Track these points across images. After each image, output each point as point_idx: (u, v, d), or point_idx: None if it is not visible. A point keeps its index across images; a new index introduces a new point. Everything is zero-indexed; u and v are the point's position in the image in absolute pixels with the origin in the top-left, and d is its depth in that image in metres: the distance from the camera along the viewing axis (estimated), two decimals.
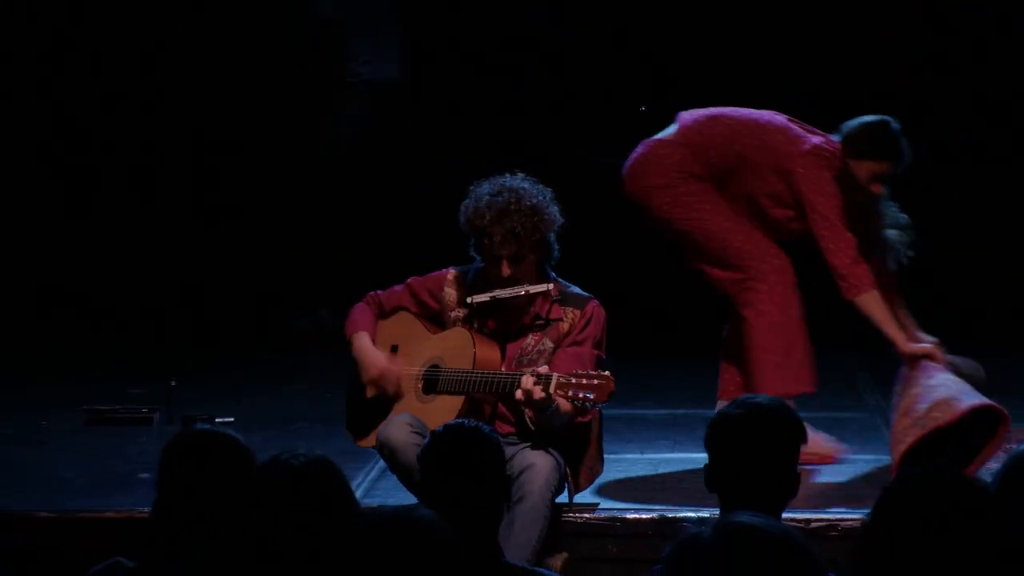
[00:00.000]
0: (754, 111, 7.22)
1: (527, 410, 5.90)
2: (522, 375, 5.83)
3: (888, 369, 8.92)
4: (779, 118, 7.19)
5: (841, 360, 9.27)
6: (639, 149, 7.25)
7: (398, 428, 5.93)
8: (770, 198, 7.09)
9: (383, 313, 6.32)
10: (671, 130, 7.22)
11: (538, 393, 5.74)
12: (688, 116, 7.24)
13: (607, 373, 5.77)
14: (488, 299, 6.13)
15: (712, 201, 7.09)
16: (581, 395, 5.72)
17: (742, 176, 7.10)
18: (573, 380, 5.75)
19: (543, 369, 5.87)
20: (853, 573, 3.40)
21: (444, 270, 6.34)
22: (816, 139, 7.05)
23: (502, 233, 6.04)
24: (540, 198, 6.13)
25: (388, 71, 9.98)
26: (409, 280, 6.38)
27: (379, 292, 6.36)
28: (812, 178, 6.96)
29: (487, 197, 6.11)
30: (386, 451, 5.93)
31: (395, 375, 6.18)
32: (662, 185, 7.11)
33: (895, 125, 7.00)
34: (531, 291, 6.11)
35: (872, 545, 3.35)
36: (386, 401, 6.18)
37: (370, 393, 6.20)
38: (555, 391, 5.74)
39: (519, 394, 5.79)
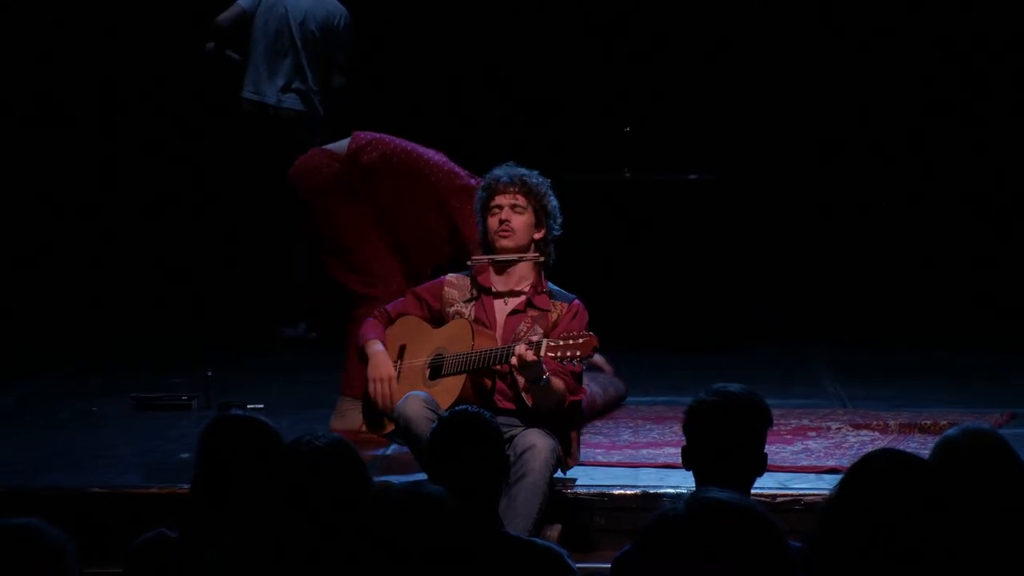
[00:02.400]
0: (420, 146, 7.33)
1: (523, 385, 5.94)
2: (516, 345, 5.87)
3: (848, 360, 9.00)
4: (441, 156, 7.30)
5: (804, 352, 9.28)
6: (309, 154, 7.43)
7: (413, 403, 5.95)
8: (422, 222, 7.18)
9: (389, 320, 6.37)
10: (343, 143, 7.35)
11: (530, 356, 5.77)
12: (361, 136, 7.35)
13: (590, 333, 5.82)
14: (487, 260, 6.19)
15: (356, 215, 7.18)
16: (568, 353, 5.76)
17: (400, 200, 7.19)
18: (561, 342, 5.79)
19: (534, 337, 5.91)
20: (820, 541, 3.44)
21: (442, 277, 6.42)
22: (472, 181, 7.10)
23: (509, 184, 6.19)
24: (543, 180, 6.28)
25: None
26: (412, 289, 6.46)
27: (385, 307, 6.45)
28: (466, 212, 6.99)
29: (500, 169, 6.28)
30: (401, 422, 5.95)
31: (390, 379, 6.22)
32: (318, 191, 7.22)
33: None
34: (524, 257, 6.17)
35: (838, 516, 3.39)
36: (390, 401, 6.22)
37: (374, 397, 6.25)
38: (545, 353, 5.77)
39: (514, 360, 5.82)
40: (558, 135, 9.91)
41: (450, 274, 6.40)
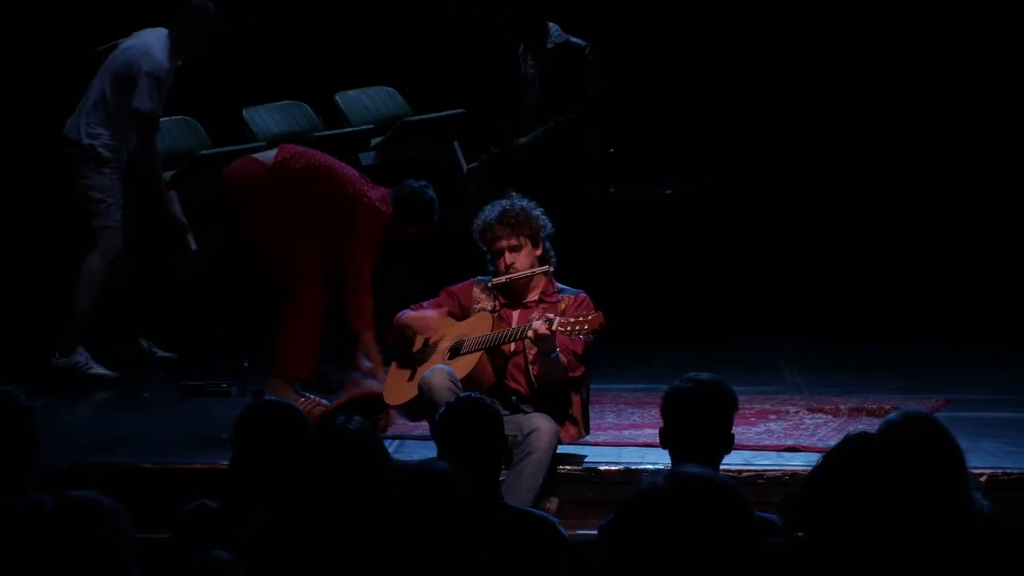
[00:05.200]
0: (336, 160, 7.31)
1: (532, 357, 6.00)
2: (533, 322, 5.95)
3: (805, 353, 9.00)
4: (354, 171, 7.30)
5: (767, 345, 9.27)
6: (240, 160, 7.35)
7: (438, 374, 5.99)
8: (327, 228, 7.15)
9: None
10: (271, 153, 7.30)
11: (543, 328, 5.84)
12: (287, 148, 7.33)
13: (598, 312, 5.89)
14: (504, 280, 6.22)
15: (281, 215, 7.10)
16: (578, 328, 5.83)
17: (320, 205, 7.14)
18: (572, 319, 5.87)
19: (549, 315, 5.97)
20: (799, 509, 3.47)
21: (471, 280, 6.43)
22: (376, 194, 7.15)
23: (501, 228, 6.19)
24: (529, 205, 6.28)
25: None
26: (445, 289, 6.48)
27: (420, 304, 6.48)
28: (364, 224, 7.06)
29: (487, 209, 6.29)
30: (425, 389, 5.97)
31: (437, 327, 6.31)
32: (251, 192, 7.14)
33: (431, 193, 7.24)
34: (536, 271, 6.23)
35: (819, 487, 3.43)
36: (420, 358, 6.30)
37: (412, 336, 6.36)
38: (558, 328, 5.84)
39: (531, 333, 5.90)
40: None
41: (478, 277, 6.43)
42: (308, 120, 9.43)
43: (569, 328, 5.83)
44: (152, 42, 8.23)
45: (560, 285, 6.32)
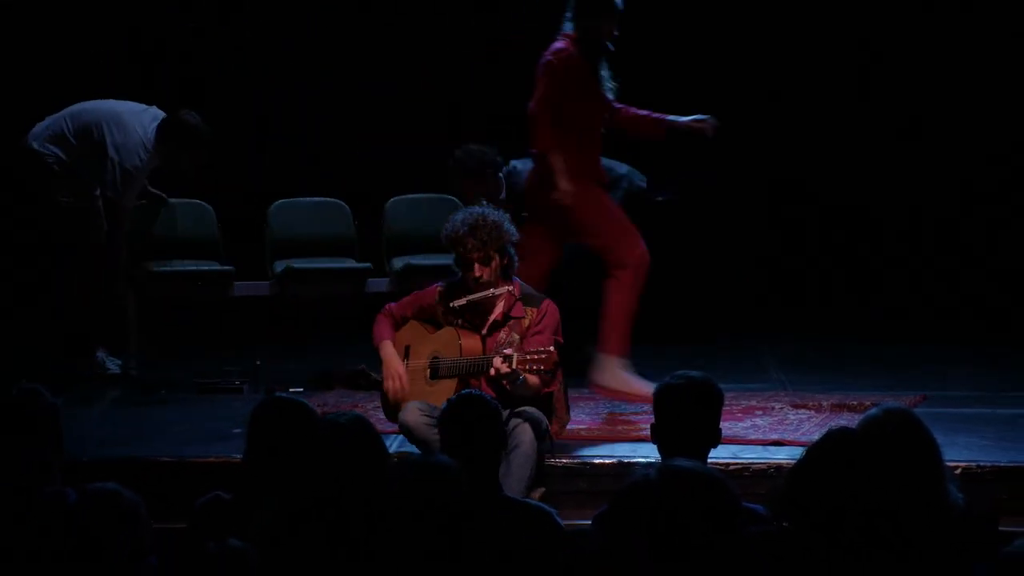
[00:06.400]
0: None
1: (504, 381, 5.95)
2: (493, 356, 5.93)
3: (789, 352, 9.00)
4: None
5: (753, 345, 9.27)
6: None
7: (411, 413, 5.97)
8: None
9: (396, 324, 6.33)
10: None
11: (504, 368, 5.85)
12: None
13: (552, 349, 5.88)
14: (464, 302, 6.17)
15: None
16: (533, 366, 5.84)
17: None
18: (528, 356, 5.87)
19: (508, 351, 5.94)
20: (784, 500, 3.48)
21: (435, 284, 6.38)
22: None
23: (473, 242, 6.10)
24: (499, 217, 6.19)
25: None
26: (412, 294, 6.41)
27: (391, 304, 6.40)
28: None
29: (461, 217, 6.18)
30: (404, 430, 5.99)
31: (402, 381, 6.18)
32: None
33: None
34: (495, 293, 6.15)
35: (803, 479, 3.43)
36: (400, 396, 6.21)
37: (388, 392, 6.22)
38: (517, 365, 5.84)
39: (492, 371, 5.89)
40: None
41: (442, 282, 6.36)
42: None
43: (526, 366, 5.85)
44: (134, 131, 8.04)
45: (526, 289, 6.24)
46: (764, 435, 6.69)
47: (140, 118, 8.14)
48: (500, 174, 8.06)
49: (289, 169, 9.61)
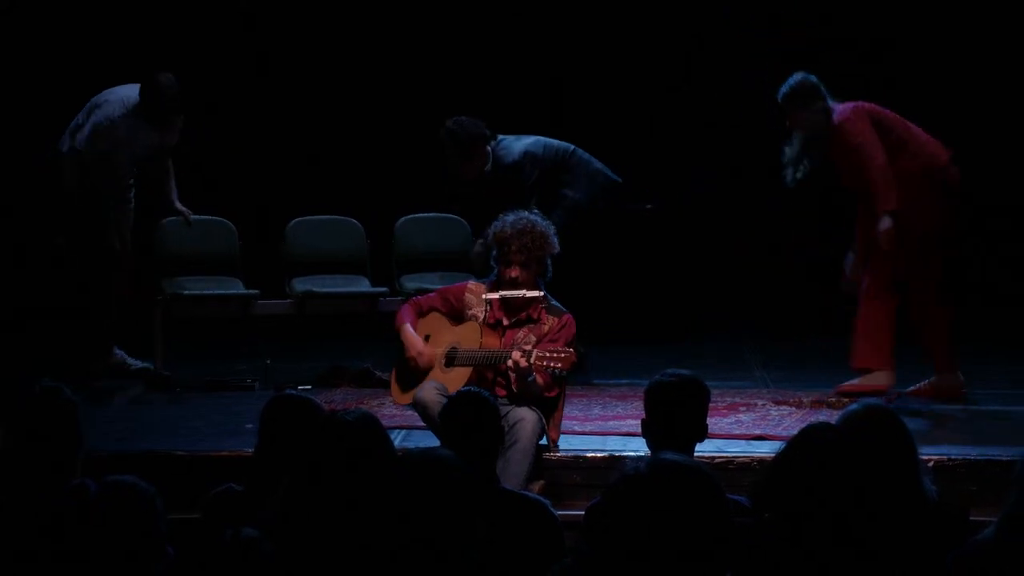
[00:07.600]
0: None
1: (513, 379, 5.93)
2: (512, 350, 5.88)
3: (771, 351, 9.01)
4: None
5: (738, 344, 9.28)
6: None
7: (429, 391, 5.96)
8: None
9: (421, 312, 6.34)
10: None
11: (523, 362, 5.81)
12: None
13: (571, 350, 5.85)
14: (498, 296, 6.16)
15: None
16: (551, 363, 5.78)
17: None
18: (547, 354, 5.82)
19: (527, 346, 5.92)
20: (766, 492, 3.48)
21: (464, 282, 6.38)
22: None
23: (519, 244, 6.08)
24: (547, 228, 6.17)
25: None
26: (440, 288, 6.43)
27: (418, 298, 6.41)
28: None
29: (511, 219, 6.16)
30: (419, 406, 5.96)
31: (428, 356, 6.20)
32: None
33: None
34: (527, 295, 6.14)
35: (784, 472, 3.44)
36: (419, 372, 6.20)
37: (411, 366, 6.22)
38: (535, 361, 5.80)
39: (510, 362, 5.85)
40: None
41: (472, 281, 6.40)
42: None
43: (544, 363, 5.81)
44: (119, 95, 8.00)
45: (552, 301, 6.22)
46: (747, 430, 6.71)
47: (133, 89, 8.06)
48: (489, 147, 8.02)
49: (303, 185, 9.59)
